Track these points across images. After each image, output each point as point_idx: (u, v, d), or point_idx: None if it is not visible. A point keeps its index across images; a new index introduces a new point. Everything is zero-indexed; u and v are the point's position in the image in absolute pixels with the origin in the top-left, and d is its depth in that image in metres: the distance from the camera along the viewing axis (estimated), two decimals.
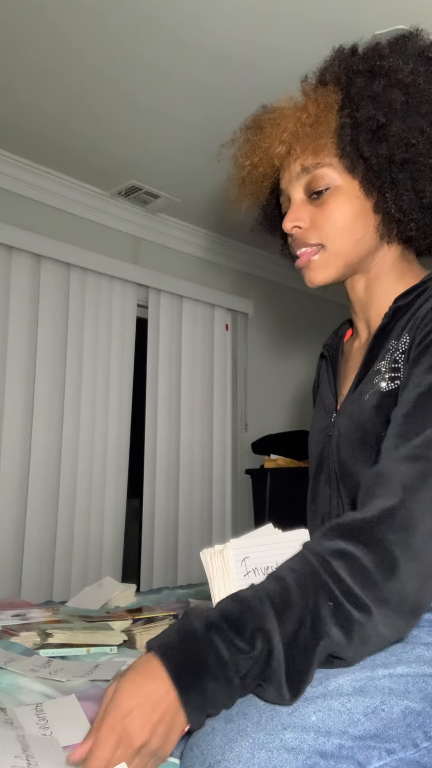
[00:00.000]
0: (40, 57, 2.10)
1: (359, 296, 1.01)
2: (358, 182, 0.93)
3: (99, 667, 1.16)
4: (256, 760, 0.61)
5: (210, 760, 0.63)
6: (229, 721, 0.66)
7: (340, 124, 0.91)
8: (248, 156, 0.99)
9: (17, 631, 1.36)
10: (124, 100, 2.34)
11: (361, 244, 0.94)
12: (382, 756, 0.65)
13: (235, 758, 0.62)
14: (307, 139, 0.92)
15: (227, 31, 1.99)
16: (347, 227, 0.93)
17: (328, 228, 0.93)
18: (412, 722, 0.67)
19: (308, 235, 0.95)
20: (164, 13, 1.91)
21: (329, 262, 0.95)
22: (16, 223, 2.72)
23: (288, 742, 0.63)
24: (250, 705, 0.68)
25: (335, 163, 0.93)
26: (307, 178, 0.94)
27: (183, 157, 2.72)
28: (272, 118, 0.97)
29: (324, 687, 0.68)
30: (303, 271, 0.98)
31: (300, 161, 0.94)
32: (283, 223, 0.96)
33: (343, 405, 0.95)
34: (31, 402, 2.71)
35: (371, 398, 0.87)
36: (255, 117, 1.01)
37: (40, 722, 0.89)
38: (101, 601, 1.82)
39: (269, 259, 3.78)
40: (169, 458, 3.20)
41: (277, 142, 0.94)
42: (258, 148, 0.97)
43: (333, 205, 0.93)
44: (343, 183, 0.93)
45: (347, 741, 0.64)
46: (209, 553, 0.86)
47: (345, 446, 0.91)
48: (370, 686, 0.68)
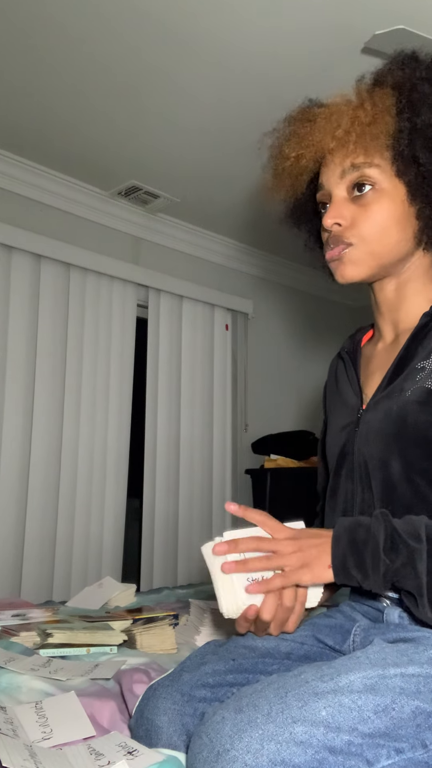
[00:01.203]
0: (40, 58, 2.10)
1: (388, 298, 1.02)
2: (405, 186, 0.94)
3: (99, 667, 1.16)
4: (264, 751, 0.62)
5: (219, 748, 0.64)
6: (239, 711, 0.67)
7: (398, 128, 0.92)
8: (294, 148, 0.99)
9: (17, 631, 1.37)
10: (125, 100, 2.34)
11: (398, 248, 0.95)
12: (391, 755, 0.65)
13: (244, 748, 0.62)
14: (362, 138, 0.93)
15: (229, 33, 1.99)
16: (387, 230, 0.94)
17: (368, 228, 0.94)
18: (423, 723, 0.67)
19: (347, 233, 0.95)
20: (165, 14, 1.91)
21: (363, 260, 0.96)
22: (16, 223, 2.72)
23: (297, 735, 0.63)
24: (261, 697, 0.69)
25: (384, 165, 0.94)
26: (353, 175, 0.95)
27: (183, 157, 2.72)
28: (325, 113, 0.97)
29: (335, 683, 0.69)
30: (335, 265, 0.98)
31: (351, 158, 0.95)
32: (324, 218, 0.96)
33: (373, 401, 0.96)
34: (31, 402, 2.71)
35: (414, 394, 0.88)
36: (303, 110, 1.01)
37: (40, 720, 0.89)
38: (101, 601, 1.82)
39: (269, 259, 3.78)
40: (169, 458, 3.20)
41: (330, 137, 0.95)
42: (307, 140, 0.97)
43: (376, 206, 0.94)
44: (390, 186, 0.94)
45: (357, 738, 0.64)
46: (209, 546, 0.86)
47: (376, 440, 0.92)
48: (382, 685, 0.69)
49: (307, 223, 1.13)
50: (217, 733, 0.65)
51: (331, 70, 2.10)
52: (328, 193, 0.98)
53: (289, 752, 0.62)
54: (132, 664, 1.19)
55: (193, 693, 0.85)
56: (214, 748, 0.64)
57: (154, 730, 0.83)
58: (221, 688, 0.86)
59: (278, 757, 0.62)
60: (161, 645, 1.36)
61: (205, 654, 0.93)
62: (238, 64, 2.14)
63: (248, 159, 2.70)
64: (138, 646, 1.35)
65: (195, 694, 0.84)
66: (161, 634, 1.38)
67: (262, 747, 0.62)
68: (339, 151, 0.95)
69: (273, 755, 0.62)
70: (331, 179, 0.97)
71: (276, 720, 0.64)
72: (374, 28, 1.93)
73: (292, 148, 0.99)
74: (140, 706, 0.87)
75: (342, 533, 0.82)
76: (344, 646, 0.95)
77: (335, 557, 0.81)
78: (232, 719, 0.66)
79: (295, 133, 1.00)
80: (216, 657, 0.90)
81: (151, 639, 1.37)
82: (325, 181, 0.99)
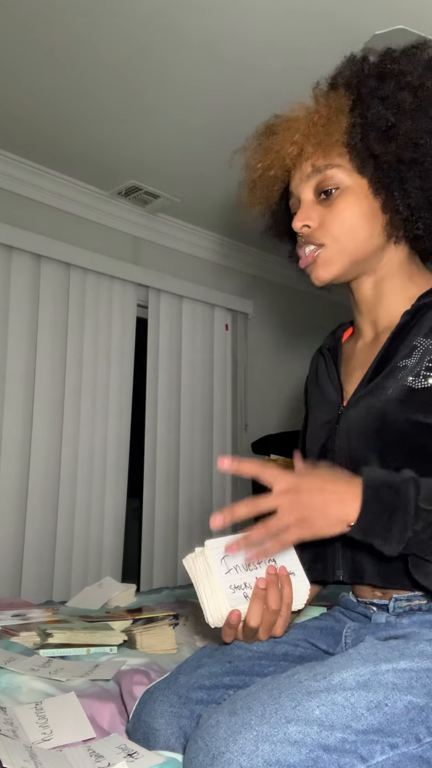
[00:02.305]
0: (40, 58, 2.10)
1: (366, 296, 1.02)
2: (366, 182, 0.95)
3: (99, 667, 1.16)
4: (259, 752, 0.62)
5: (214, 751, 0.64)
6: (233, 714, 0.68)
7: (351, 124, 0.94)
8: (260, 159, 1.01)
9: (17, 631, 1.37)
10: (125, 100, 2.34)
11: (368, 243, 0.96)
12: (385, 750, 0.65)
13: (239, 750, 0.63)
14: (318, 139, 0.95)
15: (230, 32, 1.99)
16: (355, 227, 0.95)
17: (336, 228, 0.95)
18: (415, 717, 0.67)
19: (316, 234, 0.97)
20: (167, 14, 1.91)
21: (334, 260, 0.97)
22: (16, 223, 2.72)
23: (291, 735, 0.64)
24: (255, 699, 0.69)
25: (345, 164, 0.95)
26: (317, 178, 0.97)
27: (183, 157, 2.72)
28: (284, 123, 0.99)
29: (328, 681, 0.69)
30: (309, 269, 1.00)
31: (311, 161, 0.97)
32: (293, 222, 0.98)
33: (354, 398, 0.97)
34: (31, 402, 2.71)
35: (395, 392, 0.89)
36: (267, 123, 1.04)
37: (40, 721, 0.89)
38: (101, 601, 1.82)
39: (269, 260, 3.78)
40: (169, 458, 3.20)
41: (289, 143, 0.97)
42: (270, 150, 1.00)
43: (342, 205, 0.95)
44: (352, 183, 0.95)
45: (350, 735, 0.65)
46: (190, 557, 0.87)
47: (357, 438, 0.93)
48: (374, 681, 0.69)
49: (287, 235, 1.14)
50: (212, 737, 0.66)
51: (331, 71, 2.09)
52: (297, 198, 1.00)
53: (284, 752, 0.62)
54: (132, 665, 1.19)
55: (189, 695, 0.85)
56: (210, 752, 0.65)
57: (151, 732, 0.83)
58: (218, 690, 0.86)
59: (273, 757, 0.62)
60: (161, 645, 1.36)
61: (201, 657, 0.93)
62: (239, 65, 2.14)
63: None
64: (138, 646, 1.35)
65: (191, 696, 0.85)
66: (161, 634, 1.38)
67: (257, 748, 0.63)
68: (300, 155, 0.97)
69: (268, 756, 0.62)
70: (298, 184, 0.99)
71: (270, 721, 0.65)
72: (374, 28, 1.93)
73: (258, 159, 1.02)
74: (137, 710, 0.88)
75: (371, 496, 0.77)
76: (337, 648, 0.95)
77: (363, 520, 0.77)
78: (226, 722, 0.67)
79: (260, 145, 1.03)
80: (212, 659, 0.91)
81: (151, 639, 1.37)
82: (294, 187, 1.01)
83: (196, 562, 0.87)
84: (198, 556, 0.87)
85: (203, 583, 0.85)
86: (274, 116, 1.04)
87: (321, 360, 1.13)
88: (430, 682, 0.70)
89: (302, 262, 1.00)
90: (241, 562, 0.86)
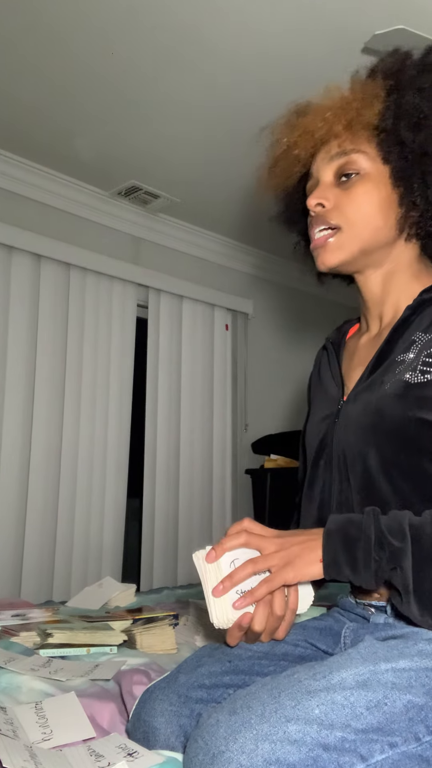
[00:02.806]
0: (40, 57, 2.10)
1: (373, 291, 1.02)
2: (389, 171, 0.95)
3: (99, 667, 1.16)
4: (259, 751, 0.62)
5: (213, 750, 0.64)
6: (233, 713, 0.67)
7: (385, 108, 0.94)
8: (286, 135, 1.01)
9: (17, 631, 1.37)
10: (125, 100, 2.34)
11: (379, 233, 0.96)
12: (385, 749, 0.65)
13: (239, 749, 0.63)
14: (349, 118, 0.95)
15: (230, 32, 1.99)
16: (369, 214, 0.95)
17: (350, 211, 0.95)
18: (415, 716, 0.67)
19: (330, 215, 0.97)
20: (167, 16, 1.91)
21: (345, 245, 0.97)
22: (16, 223, 2.72)
23: (291, 734, 0.64)
24: (255, 698, 0.69)
25: (370, 151, 0.96)
26: (340, 160, 0.97)
27: (183, 158, 2.72)
28: (317, 104, 0.99)
29: (327, 680, 0.69)
30: (317, 252, 0.99)
31: (338, 142, 0.97)
32: (308, 200, 0.98)
33: (353, 393, 0.96)
34: (31, 402, 2.71)
35: (392, 387, 0.89)
36: (298, 104, 1.04)
37: (40, 720, 0.89)
38: (101, 601, 1.82)
39: (269, 259, 3.78)
40: (169, 458, 3.20)
41: (320, 120, 0.97)
42: (298, 128, 1.00)
43: (360, 190, 0.96)
44: (374, 171, 0.96)
45: (350, 734, 0.65)
46: (201, 555, 0.86)
47: (355, 433, 0.92)
48: (373, 680, 0.69)
49: (298, 223, 1.14)
50: (212, 736, 0.66)
51: (331, 71, 2.09)
52: (316, 180, 1.00)
53: (284, 751, 0.62)
54: (132, 665, 1.19)
55: (189, 694, 0.85)
56: (210, 751, 0.65)
57: (151, 731, 0.83)
58: (218, 689, 0.86)
59: (273, 756, 0.62)
60: (161, 645, 1.36)
61: (201, 656, 0.93)
62: (238, 63, 2.14)
63: (248, 159, 2.70)
64: (138, 646, 1.35)
65: (191, 695, 0.85)
66: (161, 634, 1.38)
67: (257, 747, 0.63)
68: (328, 133, 0.97)
69: (267, 755, 0.62)
70: (320, 164, 1.00)
71: (270, 720, 0.65)
72: (374, 28, 1.93)
73: (284, 135, 1.02)
74: (137, 709, 0.88)
75: (334, 530, 0.82)
76: (336, 649, 0.95)
77: (327, 553, 0.81)
78: (226, 721, 0.67)
79: (288, 122, 1.03)
80: (212, 659, 0.91)
81: (151, 639, 1.37)
82: (314, 169, 1.01)
83: (206, 561, 0.86)
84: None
85: (211, 582, 0.85)
86: (307, 102, 1.04)
87: (324, 355, 1.13)
88: (429, 682, 0.70)
89: (313, 244, 0.99)
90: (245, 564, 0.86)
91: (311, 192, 1.01)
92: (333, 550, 0.81)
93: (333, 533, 0.82)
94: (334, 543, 0.81)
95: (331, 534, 0.82)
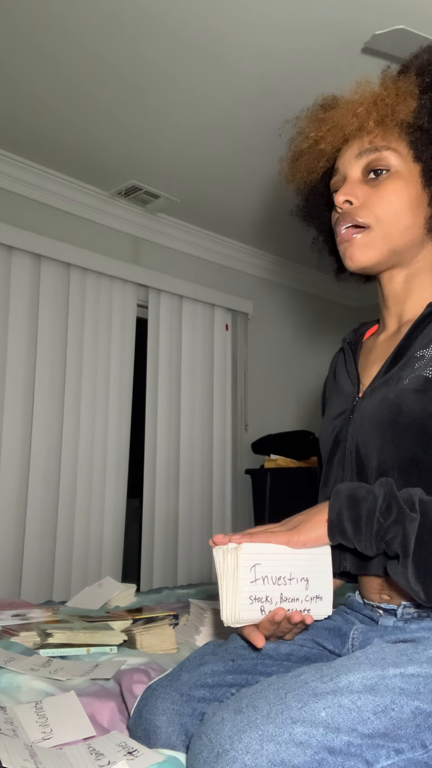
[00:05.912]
0: (40, 58, 2.10)
1: (396, 290, 1.01)
2: (420, 170, 0.94)
3: (99, 667, 1.16)
4: (264, 752, 0.62)
5: (218, 748, 0.64)
6: (239, 712, 0.67)
7: (420, 105, 0.93)
8: (314, 129, 0.99)
9: (17, 631, 1.36)
10: (125, 100, 2.34)
11: (408, 233, 0.95)
12: (391, 755, 0.65)
13: (244, 749, 0.63)
14: (382, 115, 0.93)
15: (230, 33, 1.99)
16: (399, 212, 0.94)
17: (380, 209, 0.94)
18: (422, 723, 0.67)
19: (358, 212, 0.95)
20: (166, 14, 1.91)
21: (374, 243, 0.95)
22: (16, 223, 2.72)
23: (297, 736, 0.63)
24: (261, 698, 0.69)
25: (401, 149, 0.94)
26: (370, 157, 0.95)
27: (183, 157, 2.72)
28: (347, 99, 0.98)
29: (335, 683, 0.69)
30: (345, 248, 0.97)
31: (369, 138, 0.95)
32: (336, 196, 0.96)
33: (369, 388, 0.96)
34: (31, 402, 2.71)
35: (412, 382, 0.88)
36: (326, 98, 1.02)
37: (40, 720, 0.89)
38: (101, 601, 1.82)
39: (269, 259, 3.78)
40: (169, 458, 3.20)
41: (351, 115, 0.95)
42: (326, 122, 0.98)
43: (390, 187, 0.94)
44: (404, 169, 0.94)
45: (356, 738, 0.64)
46: (222, 550, 0.84)
47: (370, 427, 0.92)
48: (381, 685, 0.68)
49: (318, 217, 1.12)
50: (217, 734, 0.65)
51: (331, 71, 2.10)
52: (343, 176, 0.98)
53: (289, 753, 0.62)
54: (132, 664, 1.19)
55: (191, 693, 0.84)
56: (214, 749, 0.64)
57: (152, 730, 0.83)
58: (220, 688, 0.86)
59: (277, 757, 0.62)
60: (161, 645, 1.36)
61: (204, 654, 0.92)
62: (238, 64, 2.14)
63: (249, 159, 2.70)
64: (138, 646, 1.35)
65: (194, 694, 0.84)
66: (161, 634, 1.38)
67: (262, 748, 0.62)
68: (360, 129, 0.95)
69: (272, 756, 0.62)
70: (347, 160, 0.97)
71: (275, 721, 0.64)
72: (374, 28, 1.93)
73: (311, 128, 1.00)
74: (139, 706, 0.87)
75: (343, 489, 0.84)
76: (343, 650, 0.94)
77: (332, 509, 0.83)
78: (231, 720, 0.66)
79: (315, 116, 1.01)
80: (215, 657, 0.90)
81: (151, 639, 1.36)
82: (341, 164, 0.99)
83: (226, 558, 0.84)
84: (230, 552, 0.84)
85: (227, 580, 0.83)
86: (332, 96, 1.02)
87: (340, 356, 1.12)
88: None
89: (340, 239, 0.97)
90: (272, 574, 0.84)
91: (337, 188, 1.00)
92: (338, 507, 0.82)
93: (341, 492, 0.84)
94: (341, 500, 0.83)
95: (340, 492, 0.84)
